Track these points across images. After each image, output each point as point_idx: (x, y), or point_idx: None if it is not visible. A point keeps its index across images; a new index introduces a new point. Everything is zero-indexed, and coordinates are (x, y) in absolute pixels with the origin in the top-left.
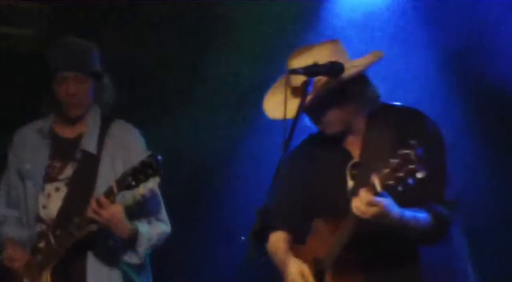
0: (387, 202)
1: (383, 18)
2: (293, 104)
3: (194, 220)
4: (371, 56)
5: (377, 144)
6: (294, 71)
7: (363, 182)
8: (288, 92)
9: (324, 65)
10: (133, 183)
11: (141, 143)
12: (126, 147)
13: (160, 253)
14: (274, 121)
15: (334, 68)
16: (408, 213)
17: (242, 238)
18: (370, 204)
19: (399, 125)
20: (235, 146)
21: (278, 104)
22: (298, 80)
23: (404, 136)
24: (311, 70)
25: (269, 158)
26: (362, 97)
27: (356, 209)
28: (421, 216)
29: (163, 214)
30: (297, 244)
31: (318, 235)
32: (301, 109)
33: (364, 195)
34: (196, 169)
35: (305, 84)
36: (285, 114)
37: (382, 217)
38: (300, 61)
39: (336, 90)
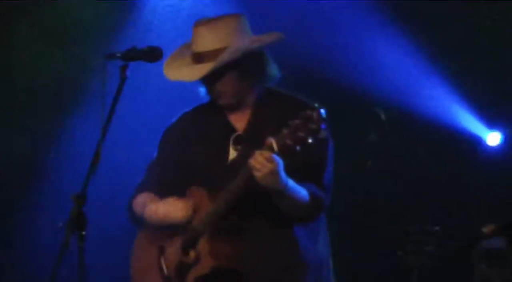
0: (281, 162)
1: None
2: (193, 69)
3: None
4: (272, 35)
5: (264, 120)
6: (112, 56)
7: (246, 153)
8: (190, 58)
9: (141, 50)
10: None
11: None
12: None
13: None
14: (92, 109)
15: (150, 54)
16: (291, 183)
17: (60, 224)
18: (268, 160)
19: (288, 109)
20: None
21: (178, 67)
22: (200, 47)
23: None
24: (128, 55)
25: (89, 145)
26: (258, 74)
27: (254, 162)
28: (302, 191)
29: None
30: None
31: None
32: (120, 93)
33: (260, 152)
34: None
35: (124, 68)
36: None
37: (274, 175)
38: (204, 32)
39: (233, 63)
